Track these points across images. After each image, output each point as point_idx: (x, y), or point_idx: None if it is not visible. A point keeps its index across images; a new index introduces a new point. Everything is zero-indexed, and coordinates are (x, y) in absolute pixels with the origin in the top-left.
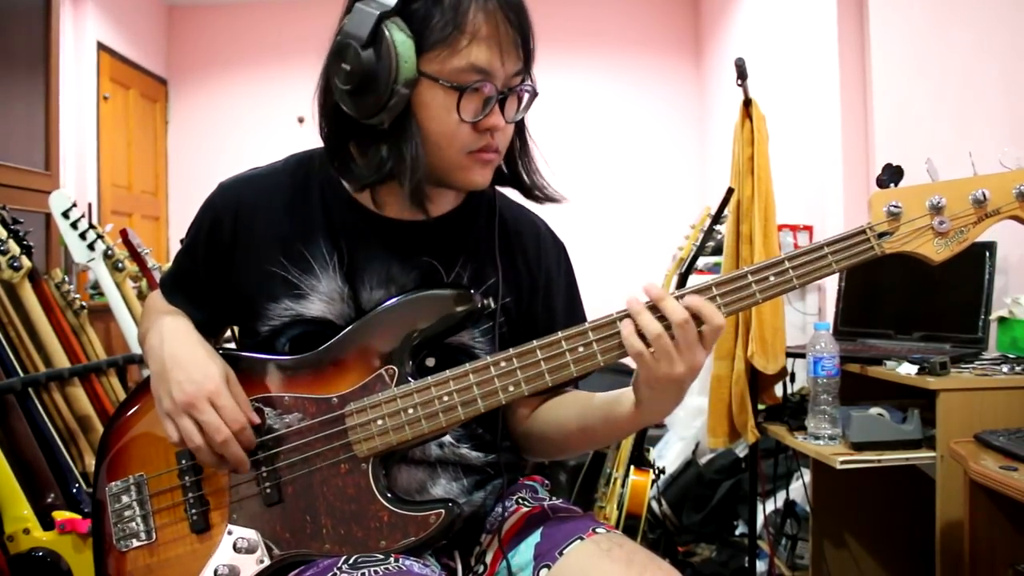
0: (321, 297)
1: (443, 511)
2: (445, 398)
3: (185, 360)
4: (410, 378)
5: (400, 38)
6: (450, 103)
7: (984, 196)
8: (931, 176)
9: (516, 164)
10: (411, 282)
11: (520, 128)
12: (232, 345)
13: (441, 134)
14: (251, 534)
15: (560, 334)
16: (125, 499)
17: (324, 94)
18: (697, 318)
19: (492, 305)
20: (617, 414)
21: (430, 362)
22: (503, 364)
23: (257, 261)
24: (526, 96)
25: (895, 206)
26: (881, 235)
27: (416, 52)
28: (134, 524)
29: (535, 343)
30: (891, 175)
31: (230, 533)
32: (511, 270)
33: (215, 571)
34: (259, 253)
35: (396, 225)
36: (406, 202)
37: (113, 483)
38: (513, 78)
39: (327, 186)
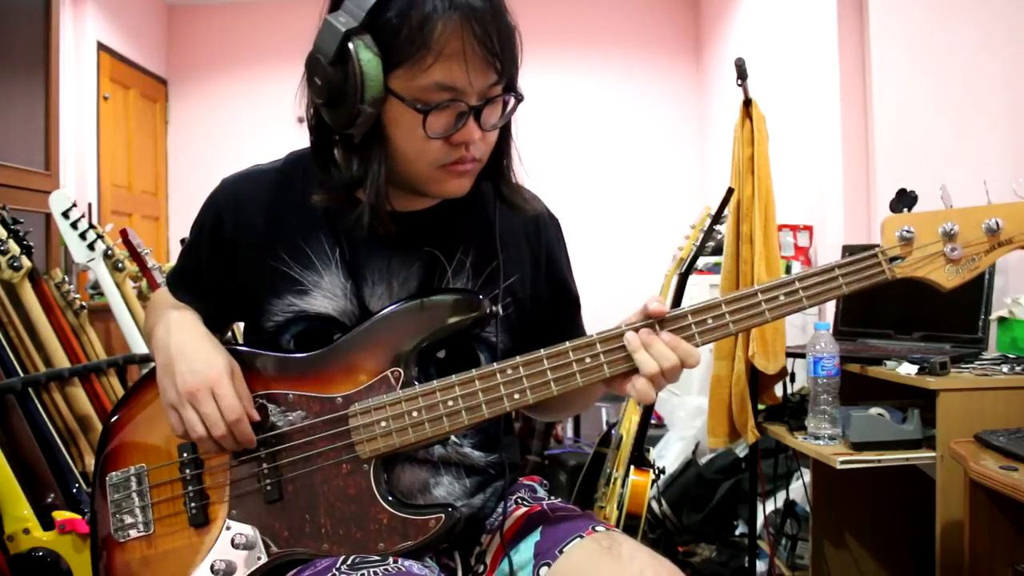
0: (324, 293)
1: (443, 516)
2: (450, 403)
3: (190, 351)
4: (416, 381)
5: (366, 57)
6: (418, 122)
7: (997, 225)
8: (944, 202)
9: (493, 169)
10: (412, 275)
11: (504, 135)
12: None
13: (411, 150)
14: (249, 530)
15: (568, 344)
16: (125, 489)
17: (308, 99)
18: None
19: (500, 312)
20: (593, 390)
21: (441, 354)
22: (509, 372)
23: (259, 257)
24: (511, 102)
25: (907, 231)
26: (893, 259)
27: (384, 68)
28: (132, 515)
29: (542, 352)
30: (904, 200)
31: (228, 528)
32: (513, 249)
33: (211, 566)
34: (261, 249)
35: (396, 217)
36: (400, 194)
37: (113, 473)
38: (490, 88)
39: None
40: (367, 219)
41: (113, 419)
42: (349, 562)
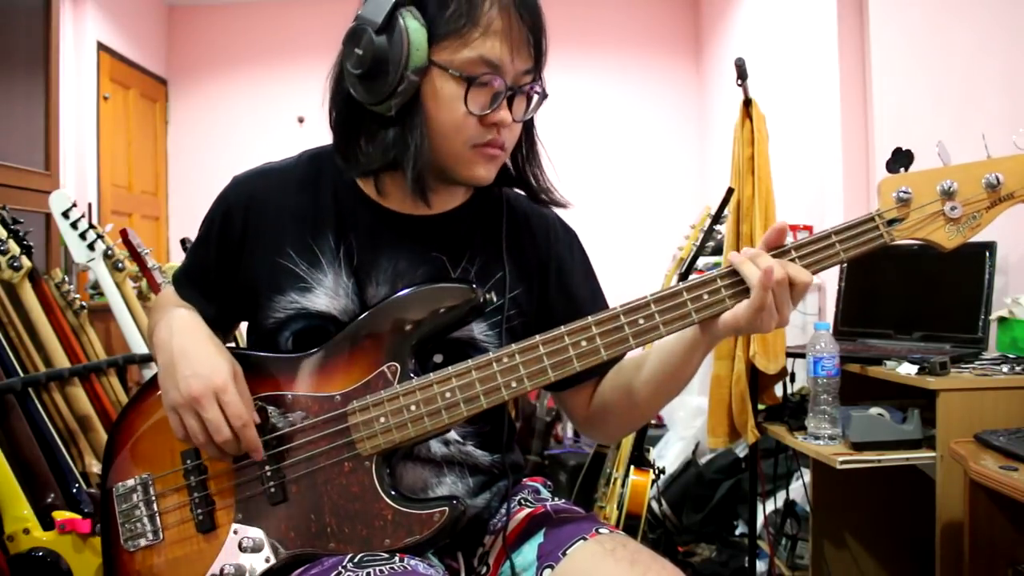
0: (326, 291)
1: (447, 509)
2: (448, 395)
3: (193, 354)
4: (412, 375)
5: (414, 26)
6: (458, 93)
7: (998, 180)
8: (942, 160)
9: (523, 166)
10: (418, 277)
11: (528, 130)
12: (232, 344)
13: (448, 124)
14: (256, 533)
15: (563, 328)
16: (132, 499)
17: (336, 80)
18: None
19: (494, 299)
20: (680, 347)
21: (438, 358)
22: (505, 360)
23: (266, 254)
24: (535, 97)
25: (905, 192)
26: (891, 222)
27: (428, 41)
28: (141, 524)
29: (538, 338)
30: (901, 160)
31: (236, 532)
32: (520, 261)
33: (221, 570)
34: (269, 246)
35: (404, 220)
36: (411, 195)
37: (120, 483)
38: (523, 76)
39: (339, 181)
40: (411, 184)
41: (117, 429)
42: (356, 560)
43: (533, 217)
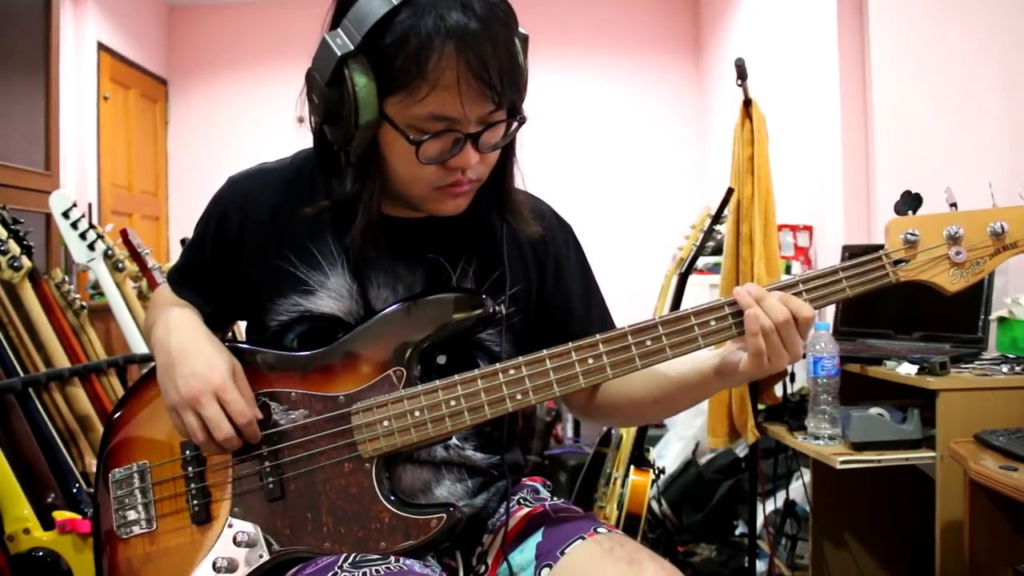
0: (330, 294)
1: (444, 515)
2: (452, 403)
3: (192, 353)
4: (418, 381)
5: (361, 82)
6: (412, 148)
7: (1003, 228)
8: (948, 203)
9: (495, 190)
10: (417, 280)
11: (508, 154)
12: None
13: (406, 174)
14: (251, 528)
15: (570, 344)
16: (128, 486)
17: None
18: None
19: (504, 311)
20: (701, 385)
21: (441, 359)
22: (512, 372)
23: (265, 256)
24: (513, 124)
25: (912, 234)
26: (897, 262)
27: (380, 93)
28: (135, 511)
29: (544, 352)
30: (909, 203)
31: (230, 526)
32: (518, 259)
33: (214, 563)
34: (267, 248)
35: (400, 223)
36: (402, 201)
37: (116, 469)
38: (488, 116)
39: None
40: (359, 234)
41: (116, 415)
42: (351, 560)
43: (528, 211)
